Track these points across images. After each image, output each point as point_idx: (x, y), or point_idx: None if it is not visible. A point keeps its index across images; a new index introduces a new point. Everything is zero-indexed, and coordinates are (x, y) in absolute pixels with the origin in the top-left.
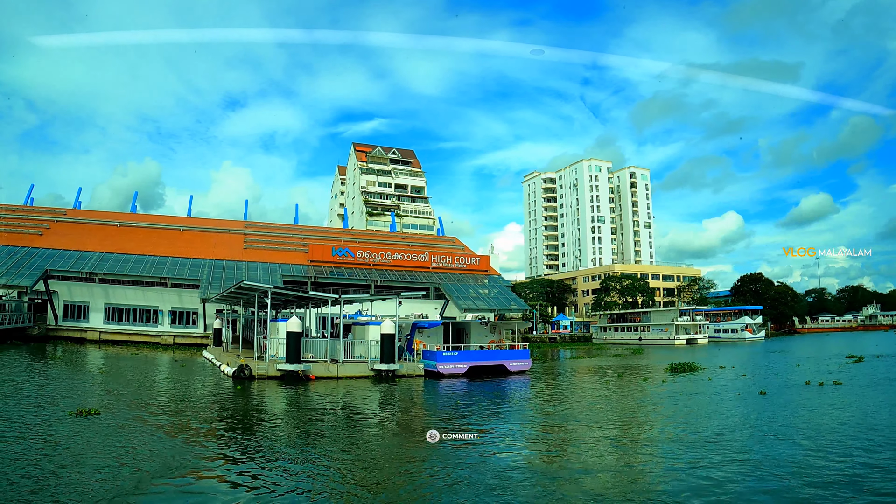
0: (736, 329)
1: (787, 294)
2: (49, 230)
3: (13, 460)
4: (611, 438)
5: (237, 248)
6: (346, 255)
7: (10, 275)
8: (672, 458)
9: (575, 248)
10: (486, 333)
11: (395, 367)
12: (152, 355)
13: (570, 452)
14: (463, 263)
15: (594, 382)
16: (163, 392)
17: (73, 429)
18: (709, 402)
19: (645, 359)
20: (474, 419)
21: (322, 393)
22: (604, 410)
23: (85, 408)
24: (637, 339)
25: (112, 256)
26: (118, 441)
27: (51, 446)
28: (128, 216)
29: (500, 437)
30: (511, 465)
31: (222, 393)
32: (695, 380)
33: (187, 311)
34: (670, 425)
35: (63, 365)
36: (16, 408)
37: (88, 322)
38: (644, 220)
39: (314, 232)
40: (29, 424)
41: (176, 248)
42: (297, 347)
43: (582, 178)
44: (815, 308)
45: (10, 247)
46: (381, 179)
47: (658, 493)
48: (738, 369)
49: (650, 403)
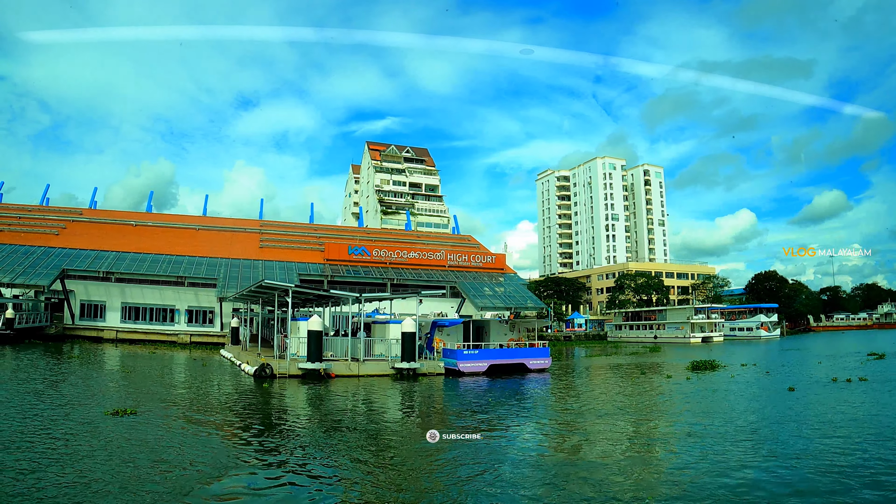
0: (751, 327)
1: (801, 292)
2: (65, 230)
3: (77, 460)
4: (651, 434)
5: (253, 246)
6: (363, 253)
7: (28, 274)
8: (719, 452)
9: (589, 246)
10: (506, 332)
11: (416, 366)
12: (170, 354)
13: (616, 448)
14: (479, 262)
15: (618, 380)
16: (188, 390)
17: (115, 428)
18: (741, 398)
19: (663, 357)
20: (507, 416)
21: (346, 391)
22: (636, 407)
23: (120, 407)
24: (652, 338)
25: (129, 255)
26: (164, 440)
27: (101, 447)
28: (144, 216)
29: (541, 434)
30: (560, 461)
31: (247, 392)
32: (719, 377)
33: (204, 310)
34: (708, 421)
35: (86, 364)
36: (54, 407)
37: (105, 321)
38: (658, 218)
39: (330, 231)
40: (71, 424)
41: (192, 247)
42: (319, 346)
43: (596, 175)
44: (830, 306)
45: (27, 246)
46: (395, 178)
47: (718, 487)
48: (759, 367)
49: (682, 400)
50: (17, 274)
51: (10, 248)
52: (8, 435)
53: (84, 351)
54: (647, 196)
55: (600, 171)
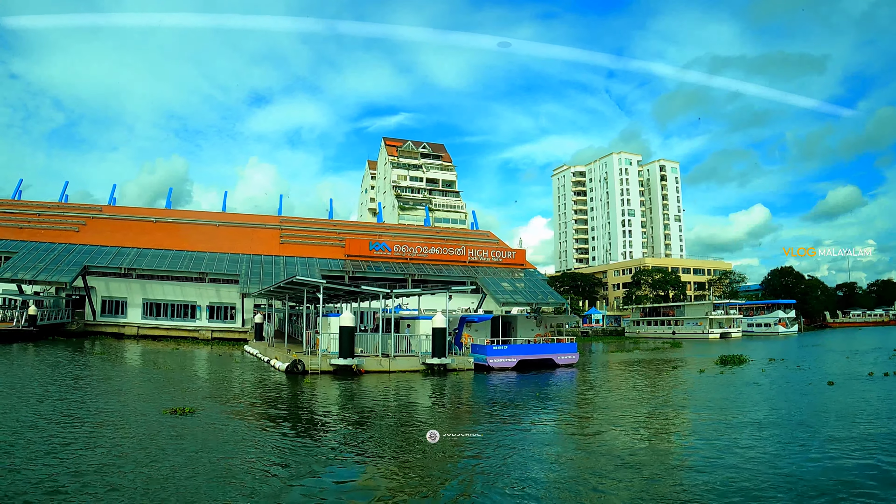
0: (769, 323)
1: (817, 288)
2: (86, 226)
3: (157, 460)
4: (710, 424)
5: (273, 242)
6: (383, 249)
7: (49, 271)
8: (789, 440)
9: (605, 242)
10: (532, 327)
11: (447, 361)
12: (194, 350)
13: (696, 441)
14: (499, 257)
15: (652, 374)
16: (228, 387)
17: (183, 428)
18: (784, 391)
19: (686, 352)
20: (560, 409)
21: (383, 387)
22: (684, 400)
23: (178, 406)
24: (670, 333)
25: (150, 252)
26: (238, 439)
27: (177, 447)
28: (163, 212)
29: (599, 427)
30: (629, 450)
31: (286, 388)
32: (750, 371)
33: (225, 306)
34: (767, 412)
35: (118, 361)
36: (114, 406)
37: (126, 317)
38: (674, 214)
39: (349, 226)
40: (136, 423)
41: (213, 243)
42: (351, 342)
43: (612, 171)
44: (846, 302)
45: (48, 243)
46: (411, 174)
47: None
48: (788, 362)
49: (727, 393)
50: (39, 271)
51: (31, 245)
52: (85, 436)
53: (110, 348)
54: (664, 191)
55: (616, 167)
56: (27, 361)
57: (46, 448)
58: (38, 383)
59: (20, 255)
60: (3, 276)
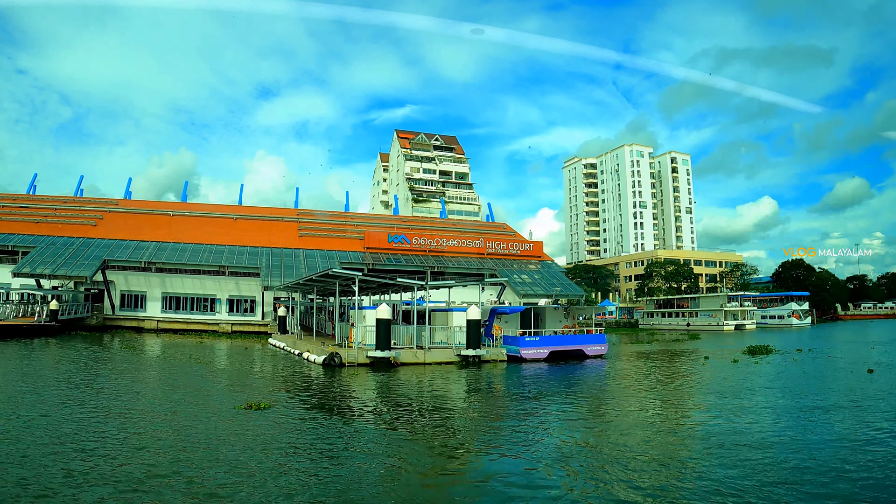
0: (783, 315)
1: (828, 281)
2: (102, 220)
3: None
4: (775, 409)
5: (292, 235)
6: (402, 241)
7: (69, 265)
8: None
9: (616, 234)
10: (560, 318)
11: (481, 353)
12: (217, 343)
13: (776, 425)
14: (517, 249)
15: (686, 364)
16: (278, 381)
17: (270, 425)
18: (828, 378)
19: (705, 343)
20: (609, 398)
21: (424, 379)
22: (740, 387)
23: (252, 401)
24: (685, 325)
25: (169, 245)
26: (335, 435)
27: (283, 446)
28: (180, 205)
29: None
30: (699, 435)
31: (333, 381)
32: (782, 361)
33: (245, 299)
34: (824, 397)
35: (152, 356)
36: (184, 403)
37: (146, 311)
38: (685, 206)
39: (366, 219)
40: (218, 420)
41: (231, 236)
42: (388, 334)
43: (623, 163)
44: (856, 295)
45: (66, 237)
46: (425, 166)
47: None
48: (816, 352)
49: (773, 381)
50: (59, 265)
51: (49, 240)
52: (181, 433)
53: (137, 342)
54: (675, 184)
55: (628, 159)
56: (66, 357)
57: (175, 443)
58: (105, 379)
59: (38, 249)
60: (22, 271)
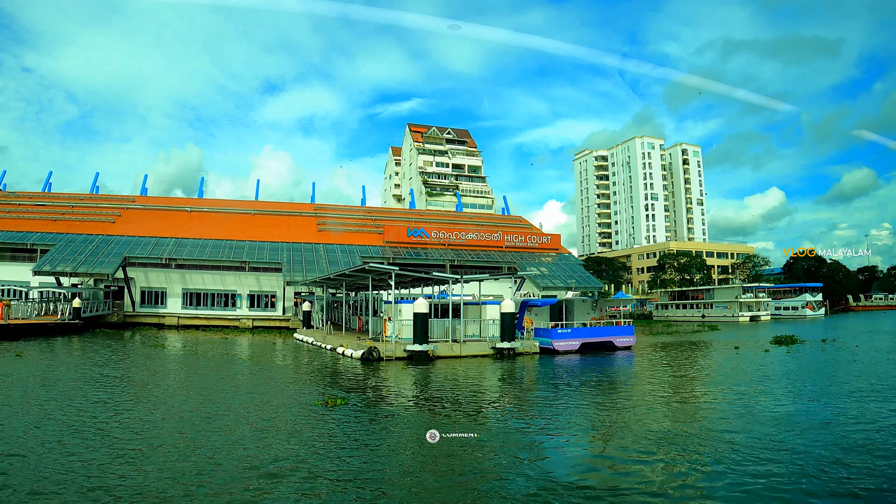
0: (797, 306)
1: (839, 272)
2: (120, 217)
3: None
4: (842, 394)
5: (311, 230)
6: (422, 235)
7: (90, 263)
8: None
9: (628, 226)
10: (588, 311)
11: (515, 345)
12: (240, 339)
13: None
14: (535, 242)
15: (718, 355)
16: (326, 376)
17: (364, 421)
18: (872, 365)
19: (727, 334)
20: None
21: (463, 371)
22: (785, 375)
23: (330, 397)
24: (700, 316)
25: (189, 242)
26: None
27: (404, 444)
28: (198, 201)
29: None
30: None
31: (378, 375)
32: (811, 350)
33: (265, 295)
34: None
35: (190, 352)
36: (257, 401)
37: (166, 307)
38: (696, 197)
39: (383, 213)
40: (309, 418)
41: (250, 232)
42: (425, 328)
43: (634, 155)
44: (866, 286)
45: (85, 235)
46: (437, 160)
47: None
48: (840, 342)
49: (817, 369)
50: (80, 263)
51: (68, 238)
52: (266, 434)
53: (165, 339)
54: (686, 175)
55: (639, 151)
56: (113, 356)
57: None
58: (176, 378)
59: (58, 247)
60: (43, 269)
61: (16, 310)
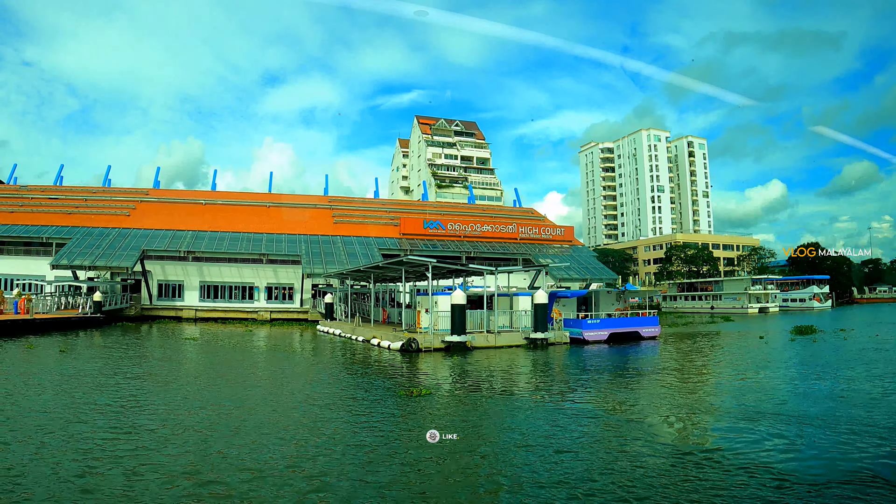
0: (804, 298)
1: (843, 264)
2: (136, 210)
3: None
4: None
5: (326, 222)
6: (438, 227)
7: (108, 256)
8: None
9: (634, 218)
10: (612, 302)
11: (548, 336)
12: (261, 331)
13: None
14: (549, 234)
15: (744, 343)
16: (374, 367)
17: (481, 413)
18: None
19: (740, 325)
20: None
21: (501, 360)
22: (828, 362)
23: (413, 388)
24: (709, 308)
25: (207, 234)
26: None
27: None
28: (212, 194)
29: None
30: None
31: (427, 365)
32: (834, 339)
33: (283, 287)
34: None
35: (226, 345)
36: (347, 396)
37: (184, 300)
38: (702, 190)
39: (398, 205)
40: (419, 409)
41: (268, 224)
42: (463, 319)
43: (640, 147)
44: (870, 278)
45: (101, 228)
46: (446, 151)
47: None
48: (858, 331)
49: (857, 356)
50: (97, 256)
51: (84, 231)
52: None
53: (190, 332)
54: (692, 167)
55: (645, 143)
56: (150, 350)
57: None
58: (253, 374)
59: (74, 240)
60: (61, 263)
61: (35, 304)
